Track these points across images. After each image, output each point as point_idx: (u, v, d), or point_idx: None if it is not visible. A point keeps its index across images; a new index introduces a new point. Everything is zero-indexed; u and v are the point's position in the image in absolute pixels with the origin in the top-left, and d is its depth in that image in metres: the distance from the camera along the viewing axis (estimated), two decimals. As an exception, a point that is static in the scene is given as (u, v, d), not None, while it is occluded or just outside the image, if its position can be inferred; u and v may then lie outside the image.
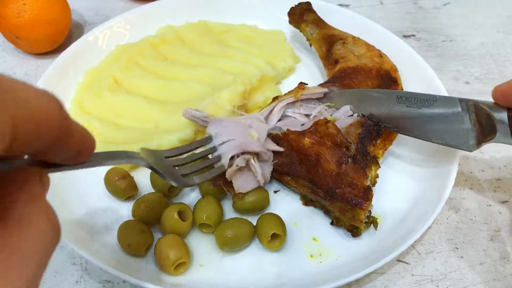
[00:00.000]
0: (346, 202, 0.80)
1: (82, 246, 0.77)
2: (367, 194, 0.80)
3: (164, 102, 1.01)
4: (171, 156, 0.78)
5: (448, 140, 0.84)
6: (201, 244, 0.84)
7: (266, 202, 0.88)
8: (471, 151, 0.83)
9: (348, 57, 1.02)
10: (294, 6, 1.14)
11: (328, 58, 1.05)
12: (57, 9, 1.12)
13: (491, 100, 0.81)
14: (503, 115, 0.78)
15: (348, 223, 0.83)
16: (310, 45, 1.12)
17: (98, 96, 1.01)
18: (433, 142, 0.85)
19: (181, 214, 0.82)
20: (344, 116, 0.92)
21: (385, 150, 0.90)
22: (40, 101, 0.38)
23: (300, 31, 1.13)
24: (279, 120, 0.95)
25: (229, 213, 0.88)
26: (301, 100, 0.95)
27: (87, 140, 0.46)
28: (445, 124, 0.84)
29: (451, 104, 0.84)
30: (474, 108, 0.82)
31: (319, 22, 1.12)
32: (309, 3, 1.14)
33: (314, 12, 1.13)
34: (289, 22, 1.15)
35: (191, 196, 0.91)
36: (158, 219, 0.84)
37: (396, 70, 1.02)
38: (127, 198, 0.89)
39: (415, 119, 0.86)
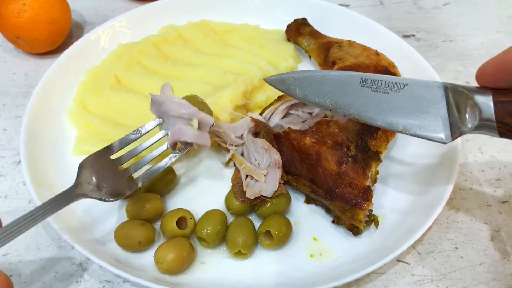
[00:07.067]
0: (345, 202, 0.81)
1: (84, 245, 0.77)
2: (366, 194, 0.81)
3: (166, 101, 1.01)
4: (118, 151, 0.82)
5: (418, 130, 0.73)
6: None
7: (286, 206, 0.88)
8: (444, 143, 0.72)
9: (345, 58, 1.02)
10: (290, 23, 1.17)
11: (326, 62, 1.05)
12: (57, 9, 1.12)
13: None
14: (487, 100, 0.67)
15: (348, 222, 0.83)
16: (310, 57, 1.13)
17: (100, 95, 1.01)
18: (401, 132, 0.74)
19: (180, 222, 0.82)
20: None
21: (388, 142, 0.89)
22: None
23: (299, 45, 1.15)
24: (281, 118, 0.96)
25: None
26: None
27: None
28: (416, 111, 0.73)
29: (424, 88, 0.72)
30: (452, 92, 0.71)
31: (315, 33, 1.14)
32: (304, 19, 1.17)
33: (309, 25, 1.16)
34: (287, 39, 1.17)
35: (191, 199, 0.91)
36: (153, 218, 0.85)
37: (394, 66, 1.01)
38: (128, 198, 0.89)
39: (381, 105, 0.74)
